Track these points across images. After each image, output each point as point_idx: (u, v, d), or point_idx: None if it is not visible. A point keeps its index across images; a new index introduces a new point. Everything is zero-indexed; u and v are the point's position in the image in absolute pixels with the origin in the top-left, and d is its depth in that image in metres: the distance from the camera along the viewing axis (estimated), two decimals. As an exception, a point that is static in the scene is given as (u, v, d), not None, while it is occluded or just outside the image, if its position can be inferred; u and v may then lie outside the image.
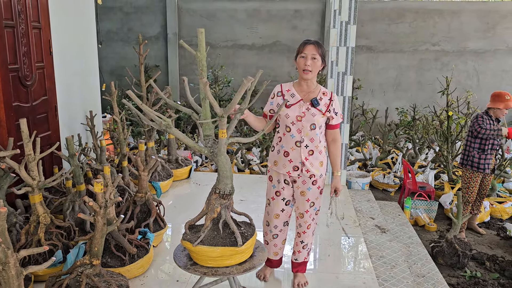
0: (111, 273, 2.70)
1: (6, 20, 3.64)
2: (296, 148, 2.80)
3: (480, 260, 4.16)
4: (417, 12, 9.21)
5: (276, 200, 2.95)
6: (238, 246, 2.28)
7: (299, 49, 2.77)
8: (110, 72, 9.94)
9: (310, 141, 2.79)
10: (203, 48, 2.15)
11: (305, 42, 2.76)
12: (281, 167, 2.86)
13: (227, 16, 9.55)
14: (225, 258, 2.30)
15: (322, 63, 2.77)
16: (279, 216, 2.99)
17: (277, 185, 2.93)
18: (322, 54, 2.73)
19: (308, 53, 2.71)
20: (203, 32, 2.12)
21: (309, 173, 2.82)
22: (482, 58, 9.26)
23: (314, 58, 2.71)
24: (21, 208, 3.57)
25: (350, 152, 7.70)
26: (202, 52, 2.16)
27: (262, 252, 2.52)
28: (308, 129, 2.77)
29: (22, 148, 3.43)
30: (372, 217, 4.69)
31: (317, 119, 2.77)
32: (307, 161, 2.80)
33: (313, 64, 2.72)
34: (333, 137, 2.89)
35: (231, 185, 2.38)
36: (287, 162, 2.83)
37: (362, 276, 3.30)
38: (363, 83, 9.36)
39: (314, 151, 2.80)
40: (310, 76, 2.75)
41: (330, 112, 2.81)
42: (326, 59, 2.79)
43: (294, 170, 2.83)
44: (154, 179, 4.81)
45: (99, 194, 2.48)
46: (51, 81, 4.40)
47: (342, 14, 5.03)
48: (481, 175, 4.49)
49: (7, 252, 1.95)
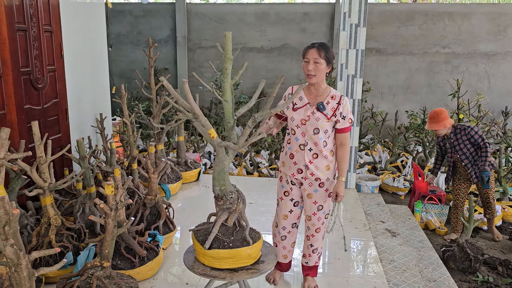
0: (121, 275, 2.71)
1: (18, 23, 3.69)
2: (300, 151, 2.79)
3: (492, 264, 4.10)
4: (427, 14, 9.15)
5: (284, 200, 2.95)
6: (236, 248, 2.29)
7: (303, 54, 2.75)
8: (119, 75, 10.01)
9: (314, 145, 2.76)
10: (229, 51, 2.13)
11: (308, 46, 2.72)
12: (287, 169, 2.88)
13: (236, 19, 9.58)
14: (230, 260, 2.31)
15: (328, 66, 2.71)
16: (288, 217, 2.98)
17: (286, 185, 2.93)
18: (326, 57, 2.67)
19: (310, 58, 2.68)
20: (230, 35, 2.10)
21: (314, 176, 2.80)
22: (493, 61, 9.17)
23: (317, 62, 2.66)
24: (32, 210, 3.60)
25: (360, 155, 7.66)
26: (228, 54, 2.13)
27: (272, 255, 2.50)
28: (312, 133, 2.75)
29: (33, 150, 3.46)
30: (382, 220, 4.65)
31: (321, 124, 2.74)
32: (311, 164, 2.78)
33: (316, 69, 2.68)
34: (340, 141, 2.82)
35: (219, 188, 2.35)
36: (292, 164, 2.84)
37: (373, 280, 3.27)
38: (372, 86, 9.32)
39: (318, 155, 2.78)
40: (314, 81, 2.72)
41: (337, 116, 2.75)
42: (333, 61, 2.74)
43: (298, 173, 2.82)
44: (163, 182, 4.82)
45: (109, 196, 2.48)
46: (62, 84, 4.44)
47: (352, 16, 5.01)
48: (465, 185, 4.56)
49: (19, 254, 1.96)
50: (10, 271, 2.01)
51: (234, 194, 2.39)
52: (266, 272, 2.46)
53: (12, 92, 3.58)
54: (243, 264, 2.35)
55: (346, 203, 4.97)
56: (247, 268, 2.35)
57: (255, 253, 2.38)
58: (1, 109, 3.50)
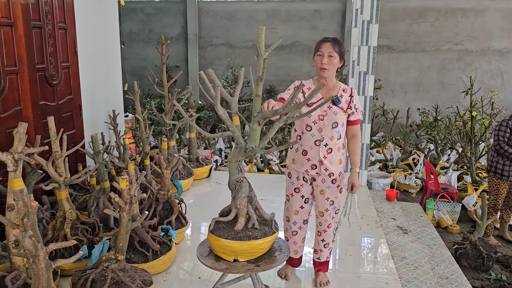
0: (135, 269, 2.74)
1: (34, 21, 3.74)
2: (315, 147, 2.79)
3: (505, 263, 4.07)
4: (440, 11, 9.07)
5: (295, 197, 2.96)
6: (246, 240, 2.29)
7: (316, 47, 2.76)
8: (131, 72, 10.09)
9: (330, 140, 2.78)
10: (262, 46, 2.12)
11: (322, 40, 2.74)
12: (299, 166, 2.87)
13: (247, 17, 9.58)
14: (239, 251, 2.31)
15: (341, 61, 2.74)
16: (298, 213, 3.00)
17: (296, 182, 2.93)
18: (339, 52, 2.70)
19: (324, 51, 2.70)
20: (263, 30, 2.08)
21: (328, 171, 2.81)
22: (506, 58, 9.06)
23: (331, 56, 2.69)
24: (47, 204, 3.66)
25: (371, 152, 7.63)
26: (261, 49, 2.12)
27: (284, 251, 2.51)
28: (330, 127, 2.76)
29: (48, 145, 3.52)
30: (394, 218, 4.64)
31: (339, 117, 2.76)
32: (325, 160, 2.79)
33: (329, 62, 2.70)
34: (352, 133, 2.88)
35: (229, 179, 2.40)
36: (305, 161, 2.83)
37: (385, 277, 3.26)
38: (383, 83, 9.27)
39: (332, 149, 2.79)
40: (327, 74, 2.74)
41: (351, 109, 2.80)
42: (345, 56, 2.76)
43: (312, 169, 2.83)
44: (175, 178, 4.86)
45: (124, 190, 2.52)
46: (76, 80, 4.49)
47: (364, 13, 4.99)
48: (506, 183, 4.37)
49: (37, 245, 2.00)
50: (28, 263, 2.05)
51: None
52: (278, 267, 2.47)
53: (27, 88, 3.64)
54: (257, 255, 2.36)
55: (358, 200, 4.96)
56: (259, 262, 2.36)
57: (267, 246, 2.40)
58: (17, 105, 3.56)
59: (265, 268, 2.31)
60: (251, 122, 2.27)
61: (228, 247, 2.28)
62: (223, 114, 2.17)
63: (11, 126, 3.45)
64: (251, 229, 2.34)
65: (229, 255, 2.33)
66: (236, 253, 2.31)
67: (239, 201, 2.35)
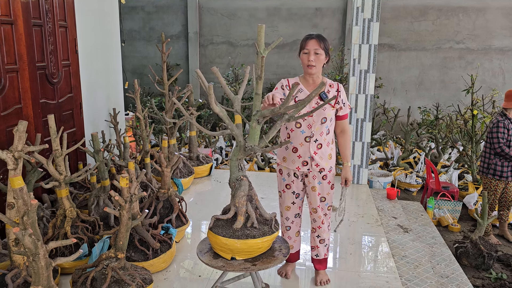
0: (135, 267, 2.74)
1: (34, 19, 3.73)
2: (305, 144, 2.81)
3: (506, 261, 4.06)
4: (441, 9, 9.04)
5: (286, 193, 2.99)
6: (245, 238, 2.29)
7: (301, 45, 2.78)
8: (132, 70, 10.08)
9: (320, 135, 2.80)
10: (262, 44, 2.11)
11: (307, 37, 2.77)
12: (290, 163, 2.88)
13: (248, 15, 9.57)
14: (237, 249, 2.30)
15: (326, 57, 2.77)
16: (290, 209, 3.03)
17: (287, 178, 2.95)
18: (325, 48, 2.73)
19: (310, 48, 2.71)
20: (263, 28, 2.08)
21: (319, 167, 2.84)
22: (508, 56, 9.04)
23: (317, 53, 2.71)
24: (47, 202, 3.66)
25: (372, 151, 7.62)
26: (261, 47, 2.11)
27: (284, 251, 2.50)
28: (319, 123, 2.78)
29: (49, 143, 3.52)
30: (394, 216, 4.63)
31: (328, 113, 2.78)
32: (316, 155, 2.82)
33: (316, 59, 2.72)
34: (341, 128, 2.92)
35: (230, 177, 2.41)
36: (296, 158, 2.85)
37: (385, 275, 3.26)
38: (384, 82, 9.25)
39: (322, 144, 2.82)
40: (315, 71, 2.75)
41: (339, 104, 2.83)
42: (329, 52, 2.80)
43: (304, 165, 2.85)
44: (176, 176, 4.85)
45: (124, 188, 2.51)
46: (76, 79, 4.49)
47: (365, 11, 4.98)
48: (503, 183, 4.38)
49: (37, 243, 2.00)
50: (28, 261, 2.05)
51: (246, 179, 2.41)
52: (277, 265, 2.46)
53: (28, 86, 3.64)
54: (256, 254, 2.36)
55: (358, 199, 4.96)
56: (258, 261, 2.35)
57: (266, 246, 2.39)
58: (17, 103, 3.56)
59: (262, 268, 2.30)
60: (251, 121, 2.26)
61: (226, 245, 2.28)
62: (220, 112, 2.16)
63: (11, 124, 3.45)
64: (250, 228, 2.33)
65: (226, 253, 2.33)
66: (233, 251, 2.31)
67: (238, 199, 2.35)
